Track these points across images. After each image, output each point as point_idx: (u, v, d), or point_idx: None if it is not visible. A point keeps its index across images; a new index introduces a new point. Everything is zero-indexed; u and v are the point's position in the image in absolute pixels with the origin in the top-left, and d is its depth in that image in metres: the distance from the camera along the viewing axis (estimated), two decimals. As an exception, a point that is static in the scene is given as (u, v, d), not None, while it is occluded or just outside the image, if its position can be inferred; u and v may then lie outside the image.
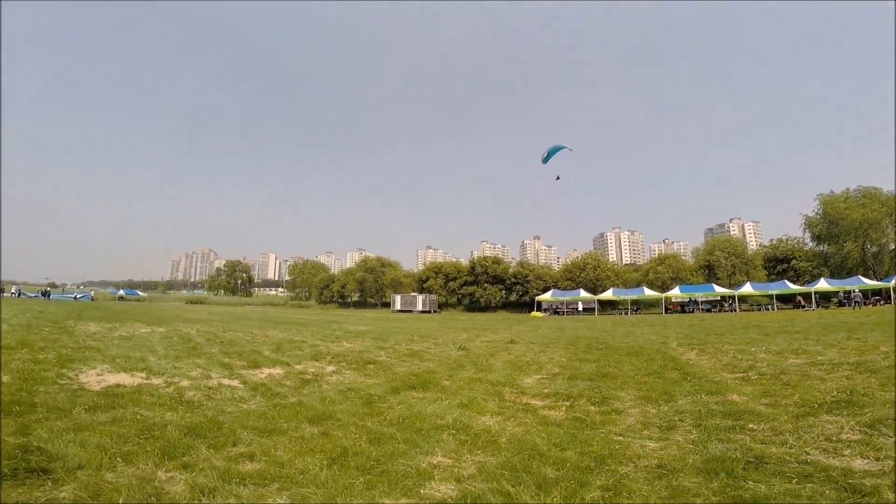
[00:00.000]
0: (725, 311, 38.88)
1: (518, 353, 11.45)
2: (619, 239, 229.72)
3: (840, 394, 5.16)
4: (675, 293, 43.23)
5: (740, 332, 16.07)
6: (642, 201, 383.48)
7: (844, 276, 41.66)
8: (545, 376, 7.95)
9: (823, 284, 39.01)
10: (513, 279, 58.29)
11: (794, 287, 40.78)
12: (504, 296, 60.49)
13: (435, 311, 53.78)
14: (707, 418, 4.54)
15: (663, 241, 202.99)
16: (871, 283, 38.00)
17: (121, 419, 4.70)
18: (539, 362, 9.74)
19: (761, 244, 64.27)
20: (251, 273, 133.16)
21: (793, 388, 5.84)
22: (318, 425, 4.86)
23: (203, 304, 73.70)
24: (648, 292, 44.16)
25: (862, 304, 34.00)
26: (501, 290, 59.74)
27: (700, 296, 42.84)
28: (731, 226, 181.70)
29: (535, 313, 44.53)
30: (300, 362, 9.28)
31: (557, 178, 21.58)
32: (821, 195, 47.68)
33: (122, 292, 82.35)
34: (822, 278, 40.99)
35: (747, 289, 41.48)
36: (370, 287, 72.42)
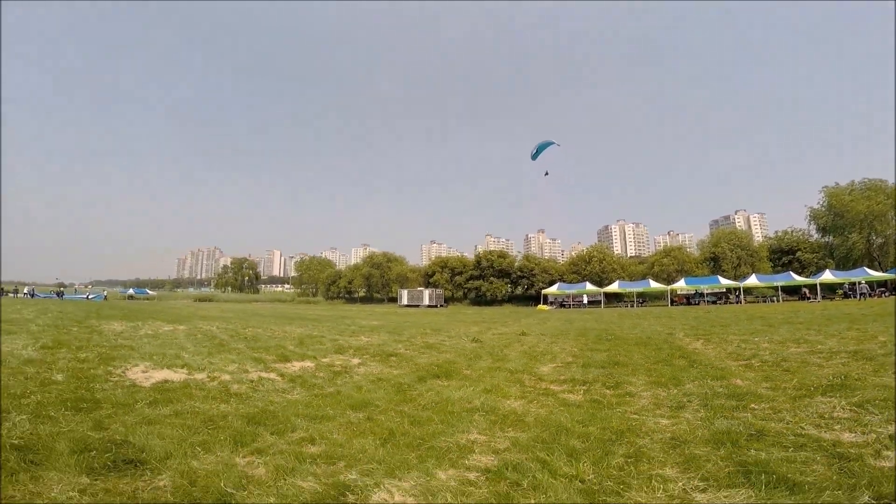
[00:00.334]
0: (731, 303, 39.21)
1: (531, 345, 11.91)
2: (624, 231, 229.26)
3: (835, 378, 5.60)
4: (681, 285, 43.58)
5: (745, 323, 16.47)
6: (647, 195, 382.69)
7: (849, 268, 41.88)
8: (559, 365, 8.43)
9: (828, 276, 39.24)
10: (518, 273, 58.83)
11: (799, 279, 41.04)
12: (510, 289, 61.06)
13: (441, 306, 54.41)
14: (713, 399, 5.02)
15: (668, 234, 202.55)
16: (875, 274, 38.18)
17: (182, 412, 4.94)
18: (552, 352, 10.22)
19: (767, 236, 64.37)
20: (257, 270, 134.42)
21: (792, 373, 6.29)
22: (361, 411, 5.25)
23: (212, 301, 74.51)
24: (654, 285, 44.52)
25: (868, 296, 34.23)
26: (507, 283, 60.31)
27: (705, 288, 43.16)
28: (736, 218, 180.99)
29: (541, 306, 45.00)
30: (325, 356, 9.62)
31: (546, 174, 21.96)
32: (826, 187, 47.92)
33: (131, 291, 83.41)
34: (828, 270, 41.22)
35: (752, 280, 41.77)
36: (376, 282, 73.11)
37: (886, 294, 36.38)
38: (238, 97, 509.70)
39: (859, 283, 35.26)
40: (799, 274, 43.24)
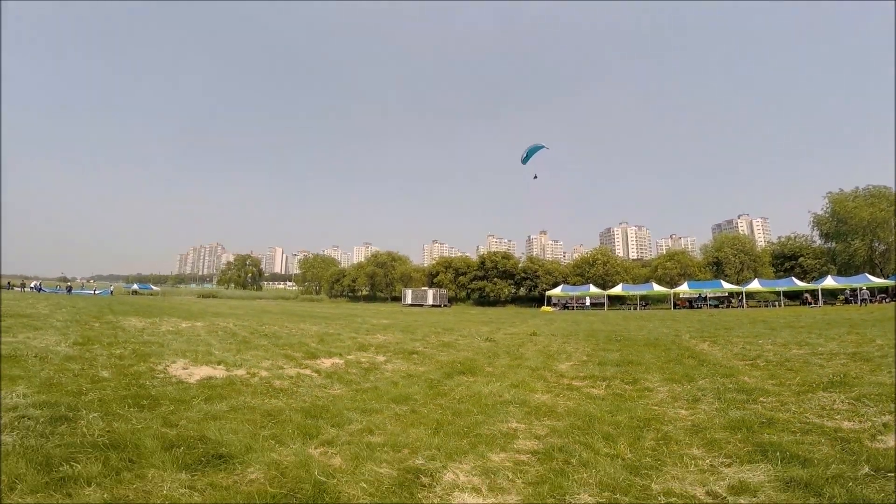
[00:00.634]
0: (733, 307, 39.67)
1: (544, 344, 12.42)
2: (626, 234, 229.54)
3: (835, 377, 6.14)
4: (684, 289, 44.05)
5: (748, 326, 16.95)
6: (649, 197, 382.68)
7: (851, 274, 42.28)
8: (576, 363, 8.95)
9: (830, 282, 39.67)
10: (522, 274, 59.29)
11: (801, 284, 41.48)
12: (513, 291, 61.55)
13: (445, 305, 54.81)
14: (725, 393, 5.55)
15: (670, 237, 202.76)
16: (877, 280, 38.63)
17: (238, 408, 5.02)
18: (566, 352, 10.74)
19: (770, 241, 64.81)
20: (261, 267, 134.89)
21: (795, 372, 6.82)
22: (403, 405, 5.50)
23: (216, 298, 74.90)
24: (657, 288, 45.02)
25: (869, 301, 34.71)
26: (511, 284, 60.74)
27: (708, 292, 43.64)
28: (739, 222, 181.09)
29: (545, 308, 45.49)
30: (350, 353, 9.88)
31: (535, 177, 22.39)
32: (830, 193, 48.27)
33: (135, 287, 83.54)
34: (829, 276, 41.64)
35: (755, 285, 42.22)
36: (380, 281, 73.56)
37: (887, 300, 36.83)
38: (240, 95, 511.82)
39: (861, 290, 35.71)
40: (801, 279, 43.71)
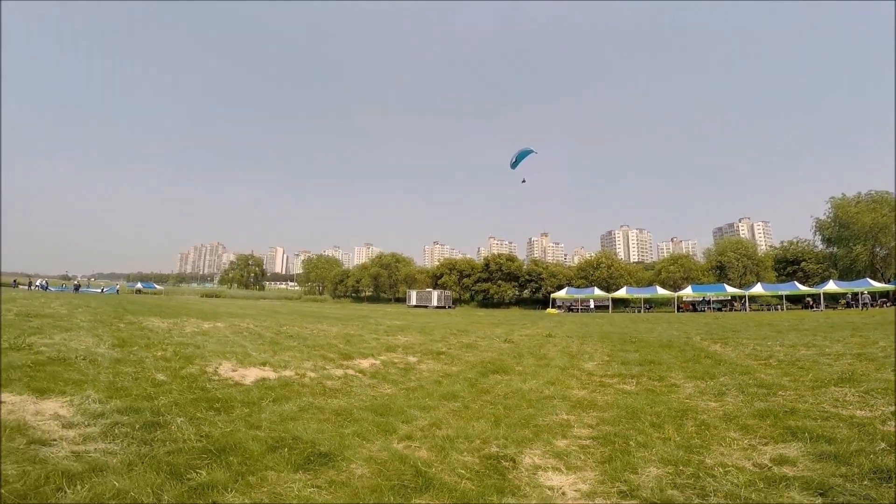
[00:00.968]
0: (736, 311, 40.30)
1: (562, 346, 12.96)
2: (627, 237, 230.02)
3: (844, 374, 6.76)
4: (688, 292, 44.68)
5: (754, 329, 17.53)
6: (649, 199, 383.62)
7: (853, 279, 42.87)
8: (599, 363, 9.54)
9: (832, 286, 40.31)
10: (526, 276, 59.92)
11: (803, 288, 42.14)
12: (517, 293, 62.20)
13: (449, 307, 55.36)
14: (746, 388, 6.17)
15: (671, 240, 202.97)
16: (878, 285, 39.20)
17: (306, 408, 5.12)
18: (587, 352, 11.33)
19: (772, 246, 65.47)
20: (263, 267, 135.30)
21: (806, 370, 7.43)
22: (453, 402, 5.77)
23: (220, 297, 75.16)
24: (661, 291, 45.66)
25: (870, 306, 35.33)
26: (515, 286, 61.42)
27: (712, 295, 44.27)
28: (740, 226, 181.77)
29: (550, 310, 46.08)
30: (381, 354, 9.95)
31: (523, 181, 22.66)
32: (833, 198, 48.94)
33: (139, 285, 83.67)
34: (831, 280, 42.29)
35: (758, 289, 42.88)
36: (384, 282, 74.07)
37: (888, 304, 37.44)
38: (240, 94, 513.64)
39: (862, 294, 36.32)
40: (803, 283, 44.34)
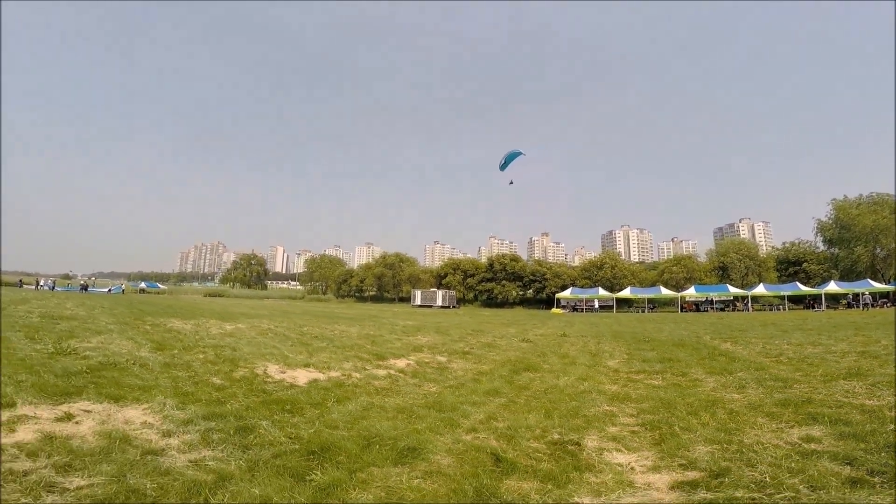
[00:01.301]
0: (739, 311, 40.97)
1: (580, 345, 13.46)
2: (628, 237, 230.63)
3: (851, 370, 7.40)
4: (691, 293, 45.37)
5: (760, 328, 18.13)
6: (649, 198, 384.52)
7: (854, 280, 43.55)
8: (621, 361, 10.11)
9: (833, 287, 41.01)
10: (531, 277, 60.52)
11: (805, 289, 42.84)
12: (521, 293, 62.85)
13: (454, 307, 55.89)
14: (764, 382, 6.79)
15: (672, 240, 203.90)
16: (878, 286, 39.89)
17: (370, 406, 5.34)
18: (606, 351, 11.91)
19: (774, 247, 66.21)
20: (266, 266, 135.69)
21: (816, 366, 8.07)
22: (498, 397, 6.09)
23: (224, 297, 75.41)
24: (665, 291, 46.37)
25: (871, 306, 36.00)
26: (519, 286, 62.07)
27: (715, 295, 44.96)
28: (740, 226, 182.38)
29: (555, 310, 46.75)
30: (410, 354, 10.15)
31: (511, 183, 23.06)
32: (834, 200, 49.73)
33: (143, 285, 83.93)
34: (832, 281, 42.99)
35: (760, 290, 43.59)
36: (388, 282, 74.63)
37: (888, 305, 38.11)
38: (241, 95, 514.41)
39: (863, 294, 37.00)
40: (805, 284, 45.04)
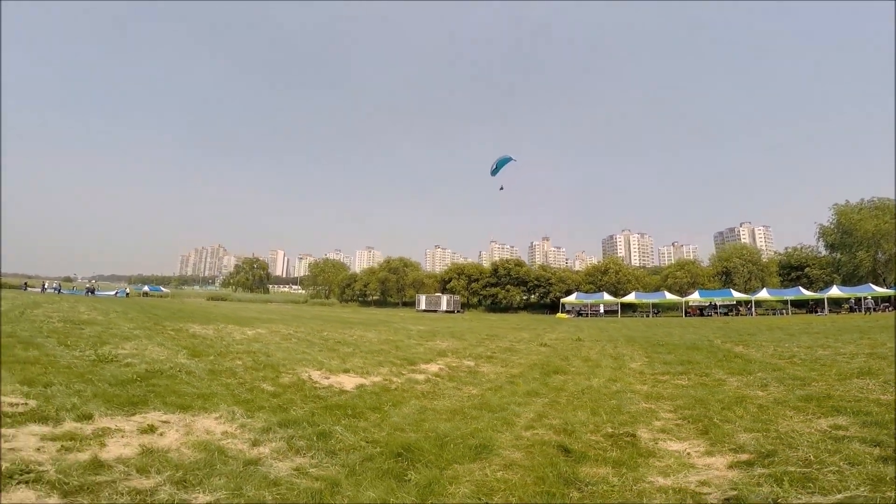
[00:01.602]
0: (742, 315, 41.47)
1: (598, 349, 13.86)
2: (629, 241, 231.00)
3: (863, 369, 7.94)
4: (695, 297, 45.92)
5: (767, 332, 18.49)
6: (649, 202, 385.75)
7: (855, 284, 44.09)
8: (642, 363, 10.58)
9: (836, 291, 41.55)
10: (535, 281, 61.01)
11: (807, 293, 43.37)
12: (525, 297, 63.34)
13: (458, 311, 56.17)
14: (784, 381, 7.33)
15: (672, 244, 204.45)
16: (880, 290, 40.44)
17: (423, 409, 5.58)
18: (625, 354, 12.34)
19: (776, 252, 66.84)
20: (268, 270, 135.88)
21: (829, 367, 8.59)
22: (539, 398, 6.40)
23: (227, 301, 74.95)
24: (669, 296, 46.91)
25: (873, 310, 36.55)
26: (523, 291, 62.55)
27: (719, 300, 45.50)
28: (741, 230, 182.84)
29: (560, 314, 47.27)
30: (437, 359, 10.40)
31: (501, 189, 23.53)
32: (836, 205, 50.34)
33: (146, 288, 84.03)
34: (835, 285, 43.53)
35: (763, 294, 44.16)
36: (392, 287, 75.03)
37: (890, 309, 38.62)
38: (241, 96, 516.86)
39: (865, 299, 37.54)
40: (807, 289, 45.59)
